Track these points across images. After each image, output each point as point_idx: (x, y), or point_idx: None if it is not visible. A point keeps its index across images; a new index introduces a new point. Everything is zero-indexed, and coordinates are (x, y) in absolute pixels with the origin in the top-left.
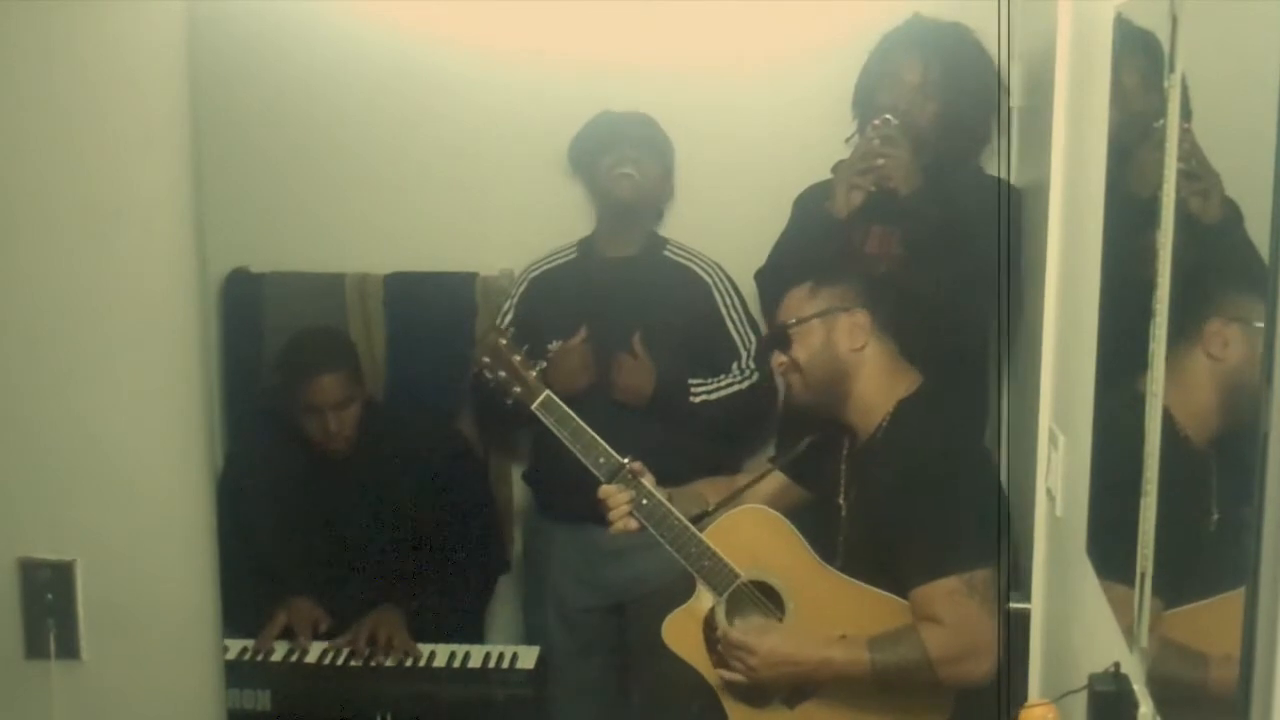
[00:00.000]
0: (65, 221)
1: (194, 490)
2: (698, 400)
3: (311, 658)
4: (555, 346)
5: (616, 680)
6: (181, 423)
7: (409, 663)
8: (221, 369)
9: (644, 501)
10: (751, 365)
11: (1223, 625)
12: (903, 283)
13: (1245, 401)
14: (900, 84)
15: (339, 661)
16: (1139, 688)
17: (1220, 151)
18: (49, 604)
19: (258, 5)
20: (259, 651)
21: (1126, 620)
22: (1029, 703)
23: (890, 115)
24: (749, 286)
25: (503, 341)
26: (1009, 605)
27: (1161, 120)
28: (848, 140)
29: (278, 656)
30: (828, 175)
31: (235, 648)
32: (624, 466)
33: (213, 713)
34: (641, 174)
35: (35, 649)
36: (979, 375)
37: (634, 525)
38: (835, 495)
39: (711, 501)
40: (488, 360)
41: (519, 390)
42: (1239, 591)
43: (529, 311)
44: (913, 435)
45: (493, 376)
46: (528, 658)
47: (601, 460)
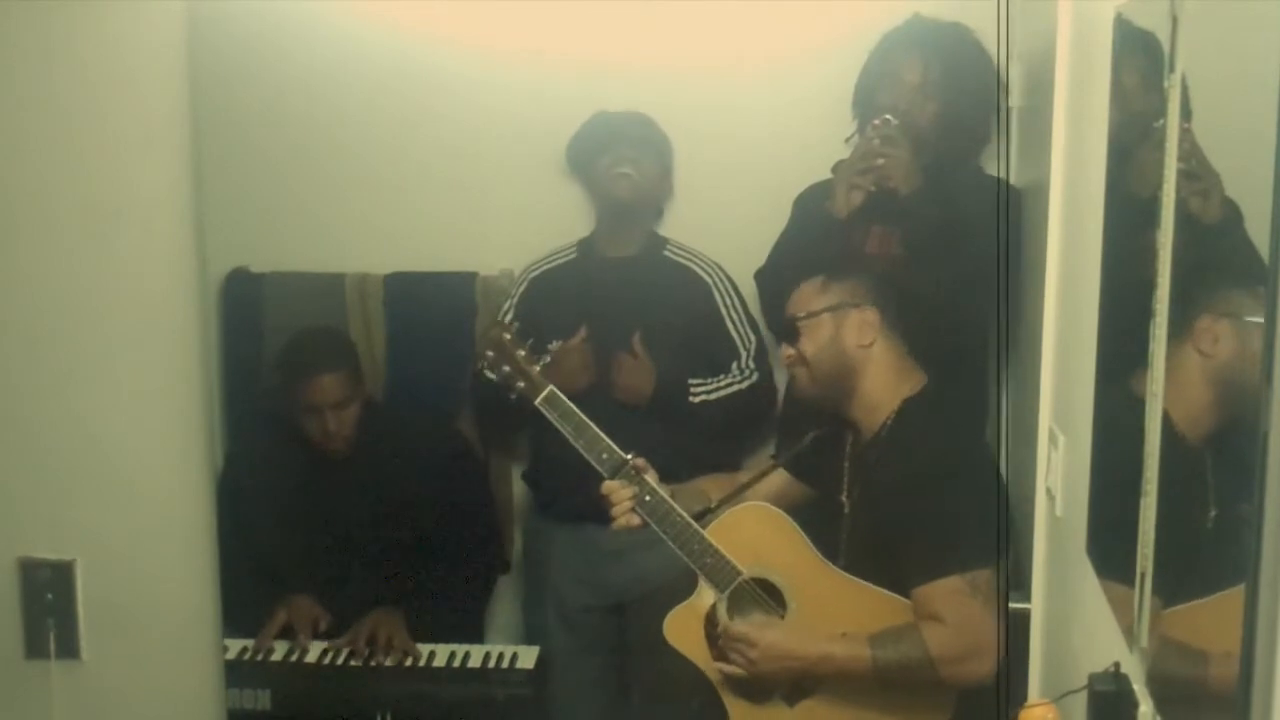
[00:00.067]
0: (65, 221)
1: (194, 490)
2: (697, 400)
3: (311, 657)
4: (555, 346)
5: (616, 680)
6: (181, 423)
7: (409, 662)
8: (221, 369)
9: (647, 498)
10: (751, 365)
11: (1222, 623)
12: (903, 283)
13: (1238, 397)
14: (900, 84)
15: (339, 661)
16: (1139, 687)
17: (1220, 151)
18: (49, 604)
19: (258, 5)
20: (259, 651)
21: (1126, 620)
22: (1029, 703)
23: (890, 115)
24: (749, 286)
25: (507, 336)
26: (1009, 605)
27: (1161, 120)
28: (848, 140)
29: (278, 656)
30: (828, 175)
31: (235, 648)
32: (627, 463)
33: (213, 713)
34: (640, 173)
35: (35, 649)
36: (979, 375)
37: (636, 521)
38: (838, 493)
39: (714, 498)
40: (491, 355)
41: (523, 385)
42: (1238, 589)
43: (529, 311)
44: (917, 434)
45: (496, 371)
46: (528, 658)
47: (604, 456)
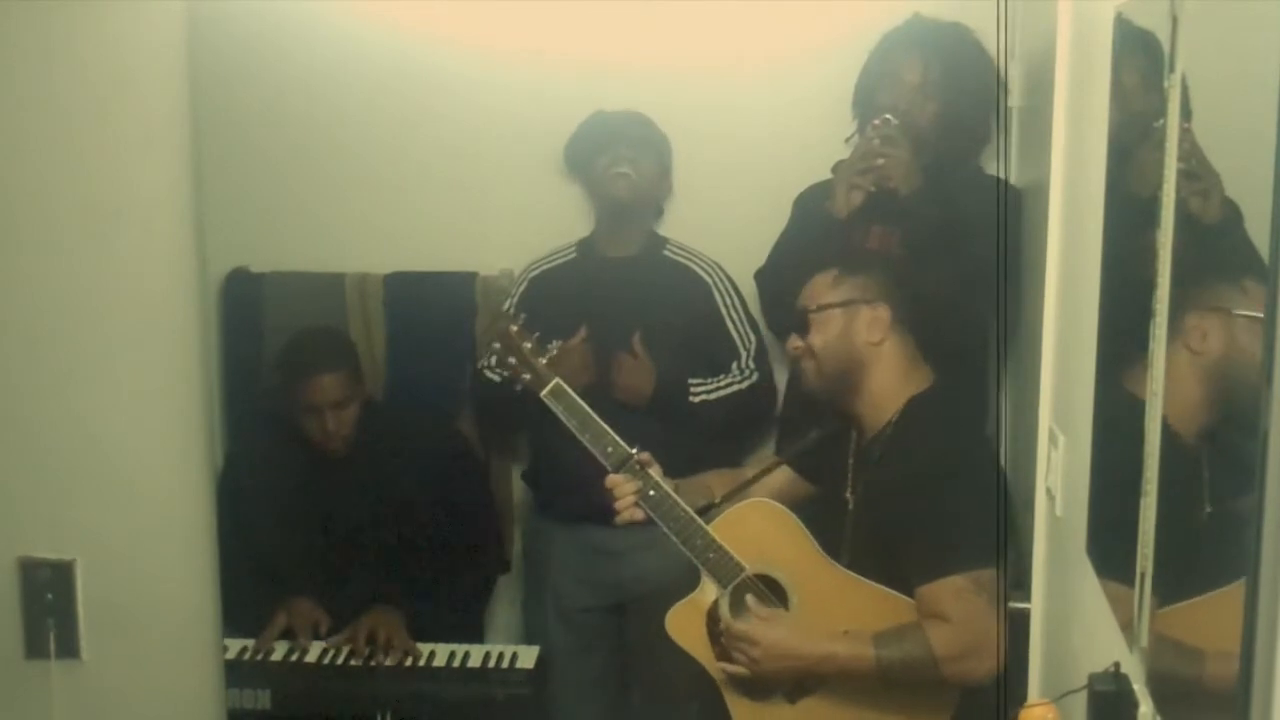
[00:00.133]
0: (65, 221)
1: (194, 490)
2: (697, 400)
3: (311, 657)
4: (555, 346)
5: (616, 680)
6: (181, 423)
7: (409, 662)
8: (221, 369)
9: (651, 492)
10: (751, 365)
11: (1221, 622)
12: (903, 282)
13: (1228, 394)
14: (900, 84)
15: (339, 661)
16: (1139, 687)
17: (1220, 151)
18: (49, 604)
19: (258, 5)
20: (259, 651)
21: (1126, 620)
22: (1029, 702)
23: (890, 115)
24: (749, 286)
25: (514, 328)
26: (1009, 605)
27: (1161, 120)
28: (848, 140)
29: (278, 656)
30: (828, 175)
31: (235, 648)
32: (632, 456)
33: (213, 713)
34: (638, 173)
35: (35, 649)
36: (979, 374)
37: (640, 516)
38: (842, 490)
39: (717, 494)
40: (498, 347)
41: (529, 378)
42: (1233, 586)
43: (529, 311)
44: (923, 433)
45: (502, 363)
46: (527, 657)
47: (609, 450)
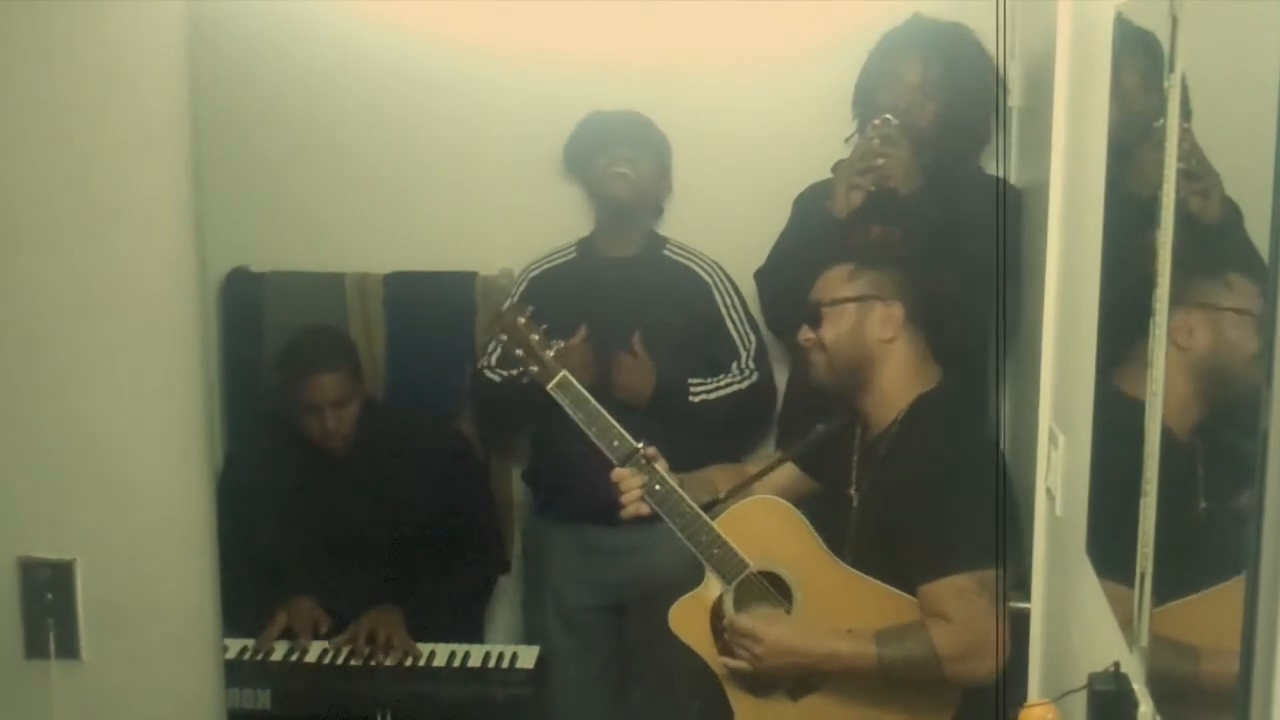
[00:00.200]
0: (65, 221)
1: (194, 490)
2: (697, 400)
3: (311, 657)
4: (556, 346)
5: (616, 679)
6: (181, 423)
7: (409, 662)
8: (221, 369)
9: (656, 487)
10: (751, 365)
11: (1220, 619)
12: (917, 281)
13: (1218, 388)
14: (900, 84)
15: (339, 661)
16: (1139, 687)
17: (1220, 151)
18: (49, 604)
19: (258, 5)
20: (259, 651)
21: (1126, 619)
22: (1029, 702)
23: (890, 115)
24: (749, 286)
25: (522, 319)
26: (1009, 605)
27: (1161, 120)
28: (848, 140)
29: (278, 656)
30: (828, 175)
31: (235, 647)
32: (638, 451)
33: (213, 713)
34: (637, 173)
35: (35, 649)
36: (980, 374)
37: (645, 510)
38: (846, 487)
39: (722, 490)
40: (505, 338)
41: (536, 370)
42: (1232, 582)
43: None
44: (929, 431)
45: (509, 355)
46: (527, 657)
47: (616, 444)
